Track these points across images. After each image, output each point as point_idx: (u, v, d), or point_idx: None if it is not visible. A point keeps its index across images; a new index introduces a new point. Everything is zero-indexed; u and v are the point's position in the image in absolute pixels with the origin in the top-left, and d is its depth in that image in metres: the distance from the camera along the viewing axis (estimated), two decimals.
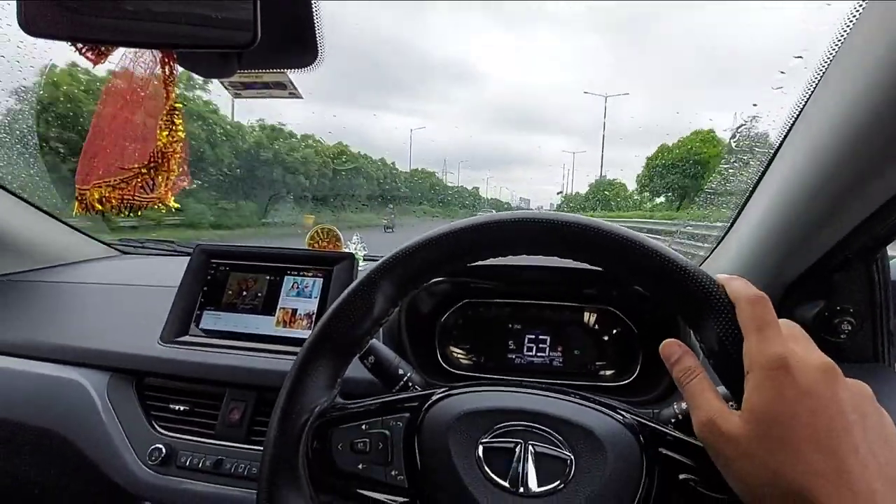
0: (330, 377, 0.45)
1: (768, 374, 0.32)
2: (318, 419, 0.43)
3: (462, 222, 0.44)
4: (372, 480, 0.43)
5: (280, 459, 0.41)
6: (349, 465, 0.43)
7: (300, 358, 0.44)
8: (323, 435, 0.44)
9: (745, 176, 0.80)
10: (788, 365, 0.32)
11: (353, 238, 1.12)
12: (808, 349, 0.34)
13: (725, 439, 0.33)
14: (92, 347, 0.85)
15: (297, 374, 0.43)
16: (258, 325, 0.84)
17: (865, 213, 0.58)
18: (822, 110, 0.58)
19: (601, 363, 0.88)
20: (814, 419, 0.31)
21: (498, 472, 0.40)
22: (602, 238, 0.41)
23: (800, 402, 0.31)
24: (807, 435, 0.30)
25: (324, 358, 0.44)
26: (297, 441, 0.42)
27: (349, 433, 0.44)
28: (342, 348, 0.45)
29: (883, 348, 0.71)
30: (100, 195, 0.58)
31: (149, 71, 0.60)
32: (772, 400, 0.32)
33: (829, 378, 0.32)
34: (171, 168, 0.60)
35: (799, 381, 0.31)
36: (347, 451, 0.43)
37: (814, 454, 0.30)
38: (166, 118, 0.61)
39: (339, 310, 0.44)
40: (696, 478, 0.38)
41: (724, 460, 0.34)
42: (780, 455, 0.31)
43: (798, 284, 0.72)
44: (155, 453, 0.74)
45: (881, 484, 0.29)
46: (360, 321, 0.44)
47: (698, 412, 0.36)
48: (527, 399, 0.45)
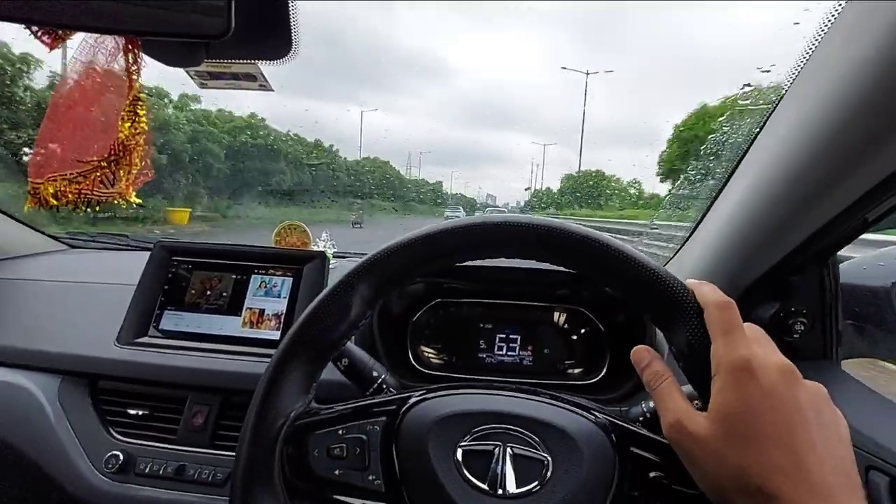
0: (305, 381, 0.44)
1: (733, 376, 0.34)
2: (294, 424, 0.43)
3: (439, 225, 0.44)
4: (349, 486, 0.42)
5: (255, 465, 0.41)
6: (326, 471, 0.43)
7: (274, 361, 0.43)
8: (298, 440, 0.43)
9: (712, 180, 0.83)
10: (752, 367, 0.33)
11: (323, 235, 1.10)
12: (769, 352, 0.36)
13: (692, 439, 0.35)
14: (41, 349, 0.80)
15: (272, 377, 0.42)
16: (223, 326, 0.81)
17: (823, 220, 0.61)
18: (783, 122, 0.61)
19: (570, 362, 0.90)
20: (775, 418, 0.32)
21: (477, 475, 0.40)
22: (576, 242, 0.42)
23: (762, 402, 0.33)
24: (768, 433, 0.32)
25: (299, 361, 0.43)
26: (272, 446, 0.41)
27: (325, 438, 0.43)
28: (318, 352, 0.44)
29: (832, 347, 0.75)
30: (55, 189, 0.55)
31: (111, 58, 0.57)
32: (736, 400, 0.33)
33: (788, 379, 0.34)
34: (132, 162, 0.57)
35: (761, 382, 0.33)
36: (324, 456, 0.43)
37: (774, 451, 0.32)
38: (129, 109, 0.58)
39: (315, 313, 0.43)
40: (665, 475, 0.40)
41: (690, 459, 0.36)
42: (743, 452, 0.32)
43: (756, 286, 0.76)
44: (112, 460, 0.71)
45: (835, 478, 0.31)
46: (336, 324, 0.43)
47: (666, 414, 0.37)
48: (504, 402, 0.45)
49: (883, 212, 0.59)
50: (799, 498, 0.30)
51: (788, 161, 0.59)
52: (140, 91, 0.58)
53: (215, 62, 0.69)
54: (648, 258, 0.41)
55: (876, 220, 0.61)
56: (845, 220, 0.60)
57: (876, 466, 0.56)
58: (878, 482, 0.55)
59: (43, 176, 0.55)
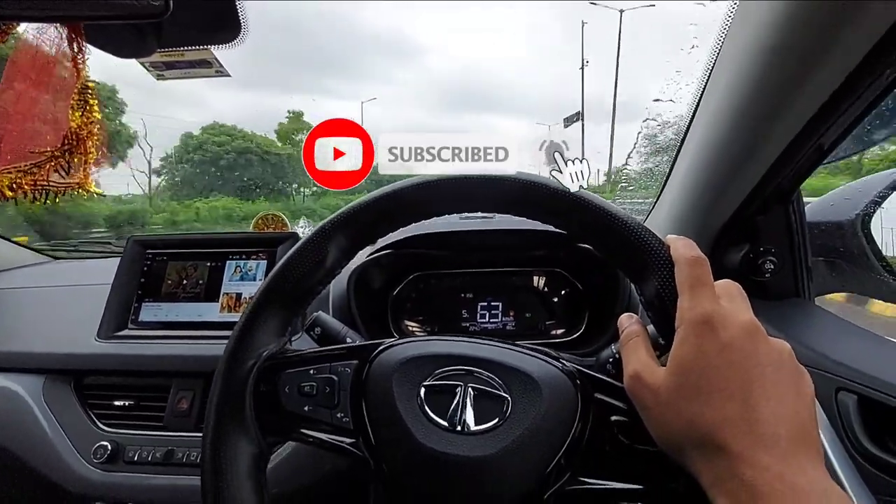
0: (280, 325, 0.45)
1: (693, 330, 0.34)
2: (266, 362, 0.44)
3: (415, 179, 0.45)
4: (318, 421, 0.43)
5: (227, 401, 0.42)
6: (296, 407, 0.43)
7: (251, 304, 0.44)
8: (270, 378, 0.44)
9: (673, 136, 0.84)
10: (713, 321, 0.34)
11: (300, 223, 1.11)
12: (738, 308, 0.35)
13: (649, 390, 0.36)
14: (22, 350, 0.81)
15: (247, 319, 0.43)
16: (201, 313, 0.82)
17: (777, 151, 0.61)
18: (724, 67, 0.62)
19: (551, 322, 0.91)
20: (730, 371, 0.32)
21: (438, 413, 0.41)
22: (550, 196, 0.43)
23: (719, 356, 0.33)
24: (721, 385, 0.32)
25: (274, 307, 0.44)
26: (243, 384, 0.42)
27: (297, 377, 0.44)
28: (294, 298, 0.45)
29: (803, 284, 0.76)
30: (10, 181, 0.55)
31: (55, 48, 0.57)
32: (692, 353, 0.34)
33: (751, 334, 0.34)
34: (87, 150, 0.57)
35: (721, 336, 0.33)
36: (295, 393, 0.44)
37: (726, 403, 0.32)
38: (78, 98, 0.58)
39: (292, 259, 0.44)
40: (627, 419, 0.40)
41: (646, 411, 0.36)
42: (695, 404, 0.33)
43: (725, 231, 0.77)
44: (100, 451, 0.71)
45: (787, 431, 0.31)
46: (312, 271, 0.45)
47: (628, 367, 0.38)
48: (470, 346, 0.45)
49: (836, 136, 0.59)
50: (745, 449, 0.30)
51: (734, 100, 0.60)
52: (87, 79, 0.58)
53: (168, 51, 0.68)
54: (622, 210, 0.42)
55: (831, 146, 0.61)
56: (799, 149, 0.60)
57: (845, 388, 0.57)
58: (846, 401, 0.56)
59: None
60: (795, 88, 0.52)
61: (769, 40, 0.51)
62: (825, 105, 0.52)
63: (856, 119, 0.57)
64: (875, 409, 0.54)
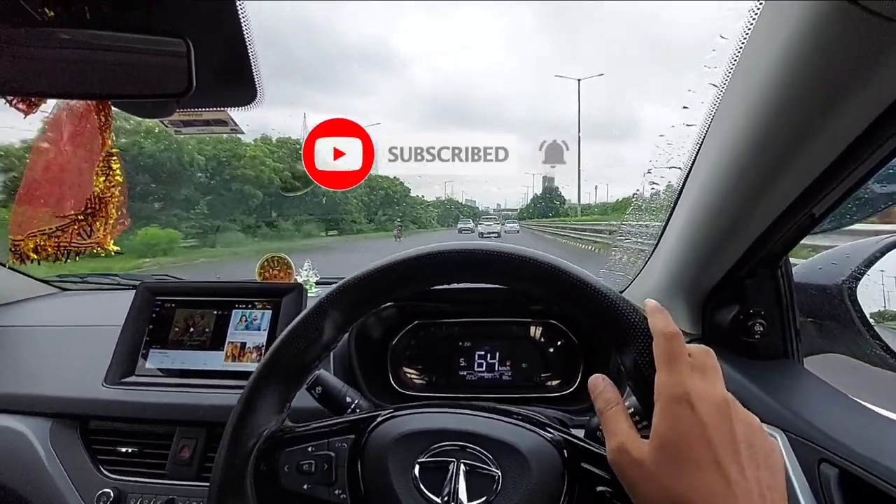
0: (279, 402, 0.47)
1: (672, 406, 0.37)
2: (266, 442, 0.45)
3: (405, 253, 0.47)
4: (316, 500, 0.45)
5: (228, 481, 0.43)
6: (295, 486, 0.45)
7: (250, 383, 0.45)
8: (270, 457, 0.46)
9: (665, 197, 0.87)
10: (690, 399, 0.36)
11: (305, 265, 1.13)
12: (711, 383, 0.38)
13: (634, 463, 0.38)
14: (31, 393, 0.83)
15: (247, 398, 0.45)
16: (206, 361, 0.84)
17: (763, 226, 0.64)
18: (719, 129, 0.64)
19: (547, 374, 0.93)
20: (707, 448, 0.35)
21: (432, 489, 0.43)
22: (535, 270, 0.45)
23: (696, 433, 0.36)
24: (700, 461, 0.35)
25: (273, 383, 0.46)
26: (244, 463, 0.44)
27: (295, 455, 0.46)
28: (291, 374, 0.47)
29: (791, 345, 0.78)
30: (35, 244, 0.58)
31: (83, 119, 0.61)
32: (672, 429, 0.37)
33: (723, 412, 0.37)
34: (108, 213, 0.61)
35: (697, 413, 0.36)
36: (294, 472, 0.45)
37: (706, 476, 0.35)
38: (103, 164, 0.61)
39: (289, 337, 0.46)
40: (612, 490, 0.42)
41: (630, 483, 0.38)
42: (677, 477, 0.36)
43: (715, 292, 0.79)
44: (103, 498, 0.73)
45: (762, 501, 0.34)
46: (309, 347, 0.46)
47: (612, 438, 0.40)
48: (461, 420, 0.48)
49: (828, 206, 0.61)
50: None
51: (727, 169, 0.63)
52: (112, 147, 0.62)
53: (186, 111, 0.73)
54: (604, 283, 0.44)
55: (823, 215, 0.63)
56: (791, 218, 0.62)
57: (827, 459, 0.58)
58: (828, 473, 0.57)
59: (23, 233, 0.59)
60: (789, 163, 0.54)
61: (764, 112, 0.53)
62: (820, 176, 0.55)
63: (849, 190, 0.59)
64: (856, 486, 0.55)
